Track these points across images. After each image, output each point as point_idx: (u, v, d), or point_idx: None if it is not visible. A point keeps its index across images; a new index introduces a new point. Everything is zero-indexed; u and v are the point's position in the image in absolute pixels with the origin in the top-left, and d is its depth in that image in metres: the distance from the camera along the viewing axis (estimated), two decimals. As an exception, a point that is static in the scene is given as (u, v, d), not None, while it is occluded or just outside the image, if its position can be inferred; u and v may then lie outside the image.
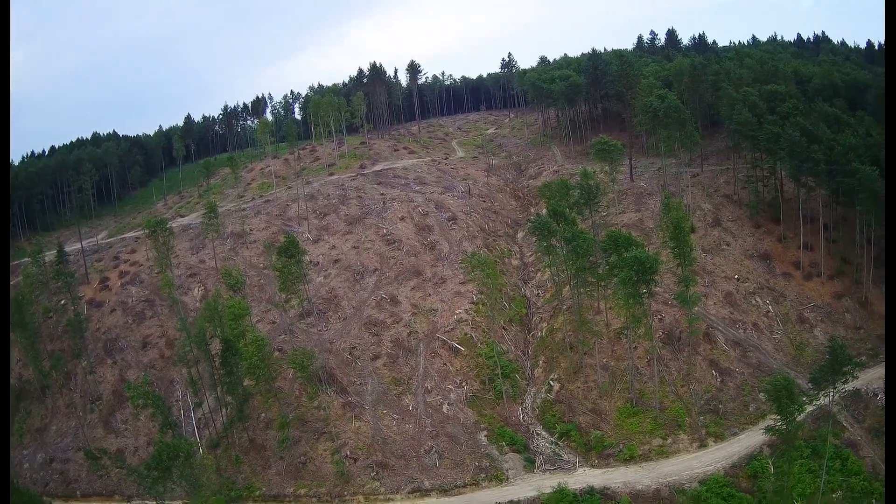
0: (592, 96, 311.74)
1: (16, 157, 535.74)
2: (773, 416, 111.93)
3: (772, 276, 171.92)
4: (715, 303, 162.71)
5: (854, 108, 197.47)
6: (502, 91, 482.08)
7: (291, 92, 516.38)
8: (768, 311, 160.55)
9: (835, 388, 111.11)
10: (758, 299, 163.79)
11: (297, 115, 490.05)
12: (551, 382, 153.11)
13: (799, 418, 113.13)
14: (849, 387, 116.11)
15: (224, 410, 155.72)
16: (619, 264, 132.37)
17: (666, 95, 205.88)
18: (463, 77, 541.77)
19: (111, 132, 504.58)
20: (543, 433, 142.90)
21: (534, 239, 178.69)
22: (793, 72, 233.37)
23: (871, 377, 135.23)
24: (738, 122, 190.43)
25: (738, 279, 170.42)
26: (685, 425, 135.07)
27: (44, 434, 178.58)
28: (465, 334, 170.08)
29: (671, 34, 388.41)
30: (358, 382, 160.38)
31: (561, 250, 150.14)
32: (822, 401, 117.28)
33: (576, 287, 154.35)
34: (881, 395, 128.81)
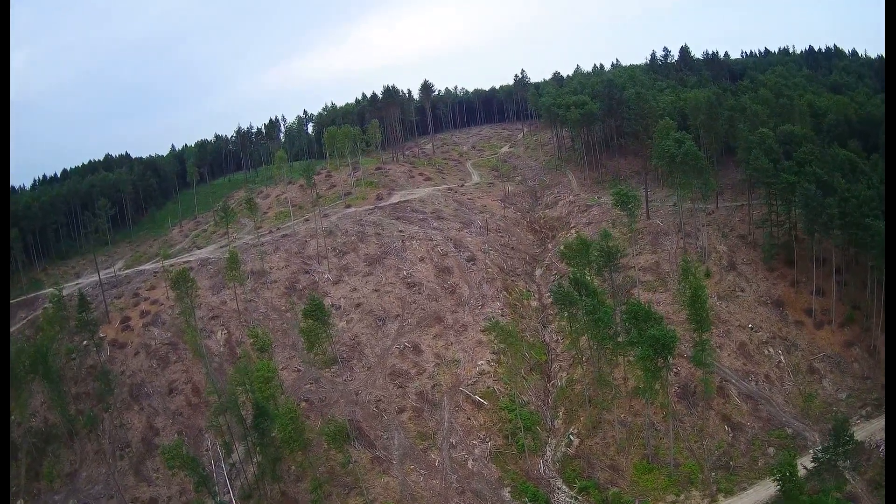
0: (608, 124, 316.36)
1: (27, 180, 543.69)
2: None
3: (784, 324, 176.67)
4: (729, 354, 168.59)
5: (869, 149, 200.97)
6: (515, 104, 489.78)
7: (305, 112, 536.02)
8: (780, 362, 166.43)
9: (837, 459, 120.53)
10: (770, 349, 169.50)
11: (310, 129, 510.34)
12: (571, 437, 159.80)
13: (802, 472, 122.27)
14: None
15: (255, 459, 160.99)
16: (639, 341, 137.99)
17: (683, 140, 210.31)
18: (476, 90, 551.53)
19: (123, 154, 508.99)
20: (564, 487, 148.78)
21: (557, 309, 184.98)
22: (807, 105, 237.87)
23: (875, 429, 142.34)
24: (754, 168, 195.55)
25: (751, 328, 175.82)
26: (697, 482, 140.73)
27: (74, 480, 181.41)
28: (488, 387, 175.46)
29: (684, 52, 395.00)
30: (385, 436, 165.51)
31: (582, 318, 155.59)
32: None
33: (595, 351, 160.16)
34: (882, 447, 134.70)
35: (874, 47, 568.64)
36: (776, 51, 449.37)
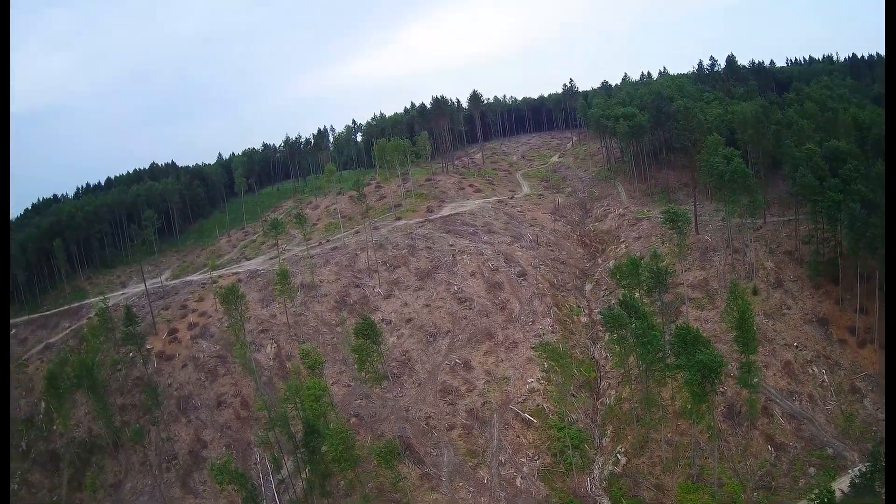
0: (657, 136, 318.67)
1: (70, 187, 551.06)
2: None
3: (828, 342, 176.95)
4: (774, 373, 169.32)
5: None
6: (564, 113, 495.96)
7: (353, 121, 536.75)
8: (823, 381, 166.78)
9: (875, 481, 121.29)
10: (814, 368, 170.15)
11: (358, 138, 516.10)
12: (618, 455, 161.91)
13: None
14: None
15: (303, 474, 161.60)
16: (686, 365, 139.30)
17: (732, 156, 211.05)
18: (525, 98, 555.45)
19: (169, 162, 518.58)
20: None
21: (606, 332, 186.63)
22: (852, 119, 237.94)
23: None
24: (800, 185, 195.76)
25: (797, 347, 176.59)
26: (740, 502, 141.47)
27: (118, 491, 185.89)
28: (537, 405, 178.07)
29: (731, 61, 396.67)
30: (434, 453, 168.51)
31: (631, 340, 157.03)
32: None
33: (643, 372, 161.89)
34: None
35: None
36: (820, 58, 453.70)
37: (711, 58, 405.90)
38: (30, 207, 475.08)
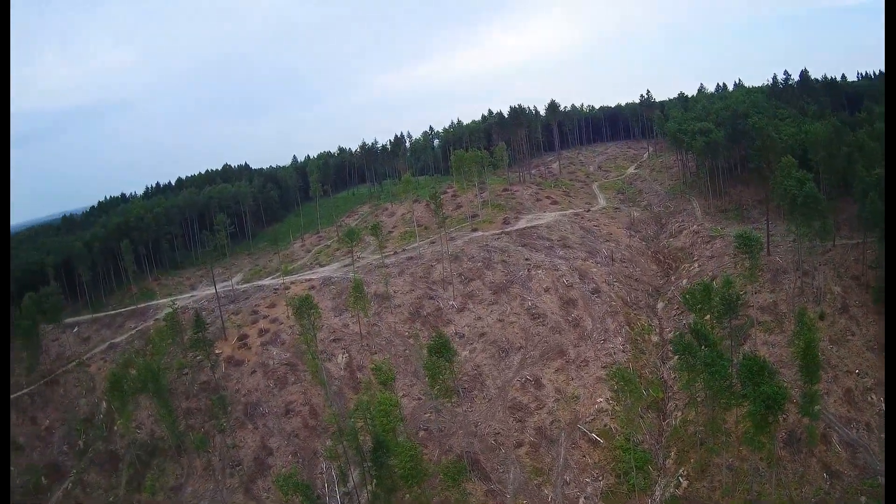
0: (732, 153, 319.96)
1: (138, 186, 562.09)
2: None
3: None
4: (835, 400, 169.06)
5: None
6: (640, 122, 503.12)
7: (431, 128, 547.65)
8: (881, 409, 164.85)
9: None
10: (873, 396, 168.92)
11: (435, 144, 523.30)
12: (680, 478, 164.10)
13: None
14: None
15: (369, 487, 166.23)
16: (751, 396, 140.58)
17: (804, 180, 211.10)
18: (602, 106, 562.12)
19: (243, 164, 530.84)
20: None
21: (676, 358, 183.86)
22: None
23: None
24: (870, 212, 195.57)
25: (858, 374, 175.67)
26: None
27: (179, 494, 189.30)
28: (605, 425, 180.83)
29: (804, 76, 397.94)
30: (501, 470, 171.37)
31: (700, 367, 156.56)
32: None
33: (710, 398, 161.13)
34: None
35: None
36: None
37: (785, 72, 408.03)
38: (96, 205, 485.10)
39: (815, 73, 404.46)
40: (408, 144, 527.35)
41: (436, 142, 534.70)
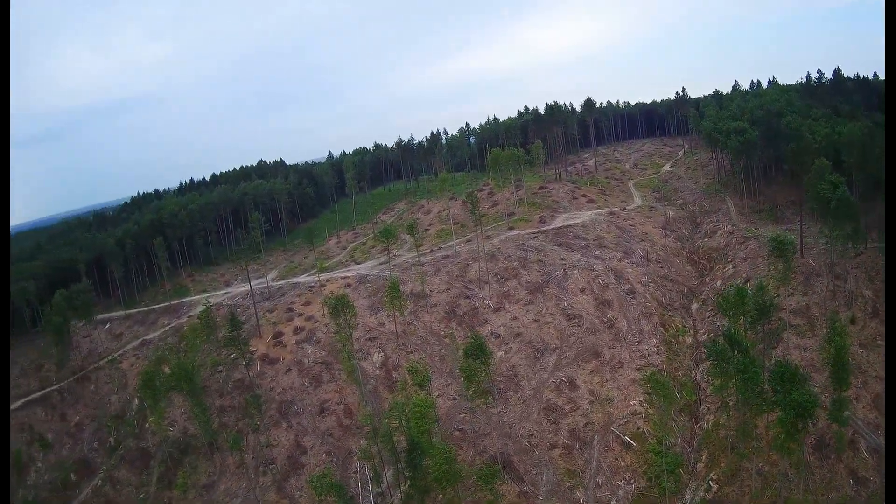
0: (767, 153, 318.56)
1: (172, 181, 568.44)
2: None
3: None
4: (864, 406, 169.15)
5: None
6: (676, 119, 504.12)
7: (467, 124, 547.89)
8: None
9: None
10: None
11: (472, 141, 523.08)
12: (710, 482, 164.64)
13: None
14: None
15: (402, 486, 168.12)
16: (782, 403, 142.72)
17: (838, 184, 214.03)
18: (637, 103, 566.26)
19: (278, 160, 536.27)
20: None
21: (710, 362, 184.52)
22: None
23: None
24: None
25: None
26: None
27: (211, 491, 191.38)
28: (638, 428, 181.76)
29: (837, 74, 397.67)
30: (534, 472, 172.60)
31: (732, 373, 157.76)
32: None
33: (741, 403, 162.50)
34: None
35: None
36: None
37: (819, 70, 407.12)
38: (129, 201, 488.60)
39: (852, 71, 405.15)
40: (444, 140, 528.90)
41: (472, 139, 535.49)
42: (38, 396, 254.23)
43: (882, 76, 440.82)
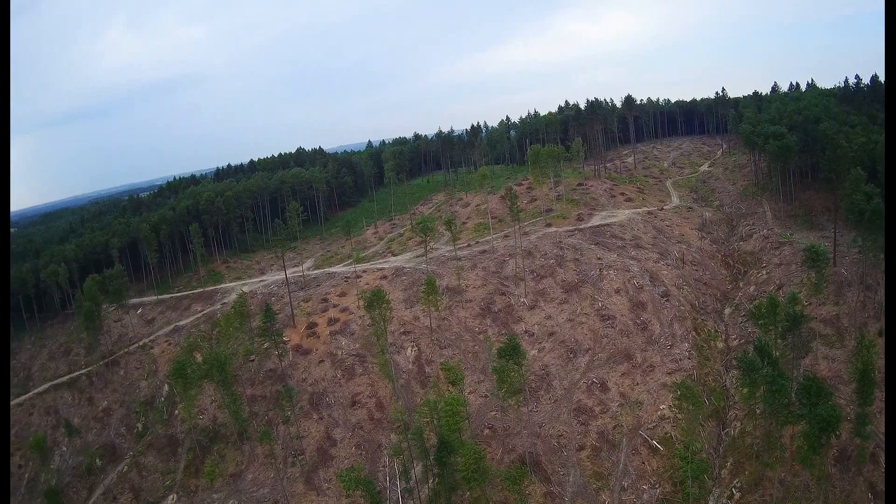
0: (804, 159, 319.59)
1: (208, 165, 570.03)
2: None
3: None
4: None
5: None
6: (715, 118, 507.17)
7: (507, 118, 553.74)
8: None
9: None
10: None
11: (512, 134, 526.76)
12: (734, 490, 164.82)
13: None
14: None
15: (430, 482, 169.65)
16: (807, 417, 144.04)
17: (872, 195, 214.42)
18: (678, 101, 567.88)
19: (317, 148, 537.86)
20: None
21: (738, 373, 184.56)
22: None
23: None
24: None
25: None
26: None
27: (238, 480, 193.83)
28: (666, 433, 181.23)
29: (874, 81, 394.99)
30: (561, 472, 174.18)
31: (761, 384, 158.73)
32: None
33: (768, 413, 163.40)
34: None
35: None
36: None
37: (857, 76, 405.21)
38: (164, 185, 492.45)
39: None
40: (484, 133, 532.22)
41: (512, 132, 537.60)
42: (65, 380, 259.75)
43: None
